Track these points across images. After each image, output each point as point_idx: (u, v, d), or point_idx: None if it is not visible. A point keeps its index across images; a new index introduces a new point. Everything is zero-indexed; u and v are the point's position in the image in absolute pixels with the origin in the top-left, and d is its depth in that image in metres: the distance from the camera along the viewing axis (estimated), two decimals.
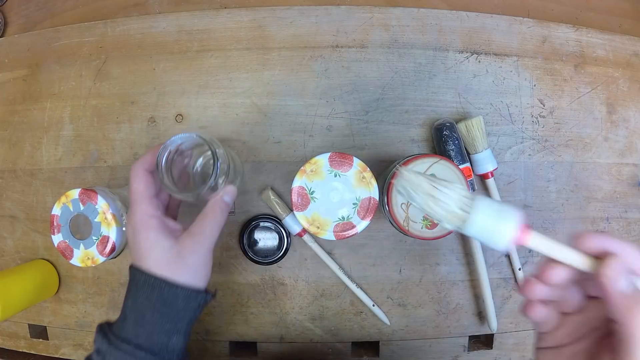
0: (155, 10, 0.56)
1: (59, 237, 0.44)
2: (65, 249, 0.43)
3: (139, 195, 0.37)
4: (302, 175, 0.42)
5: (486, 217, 0.26)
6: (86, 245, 0.43)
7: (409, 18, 0.53)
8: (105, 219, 0.43)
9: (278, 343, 0.52)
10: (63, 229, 0.44)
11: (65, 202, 0.44)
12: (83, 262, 0.43)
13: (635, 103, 0.54)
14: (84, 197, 0.44)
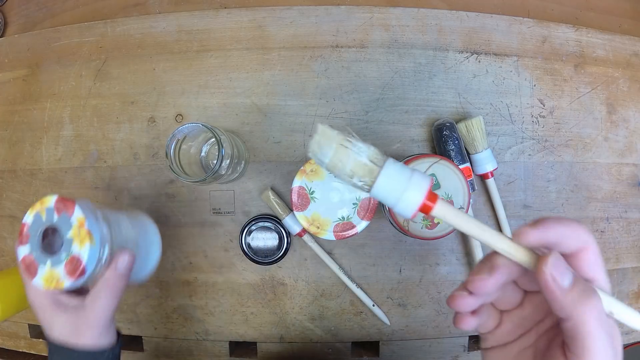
0: (155, 10, 0.56)
1: (25, 250, 0.36)
2: (30, 265, 0.36)
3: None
4: (302, 175, 0.42)
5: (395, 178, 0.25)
6: (53, 262, 0.36)
7: (409, 18, 0.53)
8: (78, 234, 0.36)
9: (278, 343, 0.52)
10: (32, 240, 0.37)
11: (39, 210, 0.38)
12: (47, 283, 0.35)
13: (635, 103, 0.54)
14: (60, 205, 0.38)
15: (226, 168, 0.42)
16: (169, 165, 0.40)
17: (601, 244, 0.53)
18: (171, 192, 0.52)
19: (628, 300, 0.54)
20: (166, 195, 0.52)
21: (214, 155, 0.49)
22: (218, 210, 0.52)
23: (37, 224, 0.38)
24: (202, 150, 0.49)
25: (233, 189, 0.52)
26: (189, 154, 0.45)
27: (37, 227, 0.38)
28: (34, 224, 0.38)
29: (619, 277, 0.54)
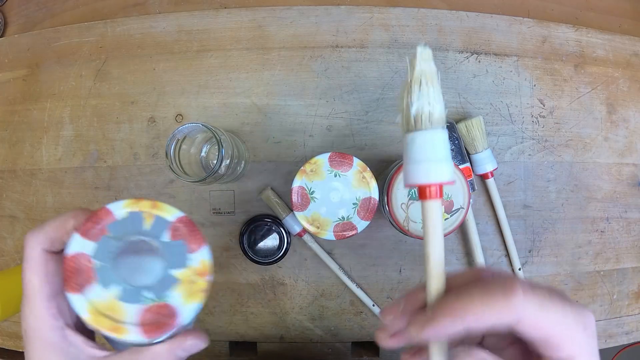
0: (155, 10, 0.56)
1: (88, 247, 0.24)
2: (81, 271, 0.23)
3: (32, 291, 0.24)
4: (302, 175, 0.42)
5: (441, 146, 0.23)
6: (126, 294, 0.23)
7: (409, 18, 0.53)
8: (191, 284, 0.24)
9: (278, 343, 0.52)
10: (107, 242, 0.24)
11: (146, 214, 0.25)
12: (94, 315, 0.23)
13: (635, 103, 0.54)
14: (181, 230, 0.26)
15: (226, 168, 0.42)
16: (169, 165, 0.40)
17: (601, 244, 0.53)
18: (171, 192, 0.52)
19: (628, 300, 0.54)
20: (166, 195, 0.52)
21: (214, 155, 0.49)
22: (218, 210, 0.52)
23: (129, 228, 0.25)
24: (202, 150, 0.49)
25: (233, 189, 0.52)
26: (189, 154, 0.45)
27: (127, 231, 0.25)
28: (122, 224, 0.25)
29: (619, 277, 0.54)
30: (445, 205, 0.41)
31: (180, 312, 0.24)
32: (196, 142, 0.47)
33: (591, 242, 0.53)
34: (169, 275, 0.24)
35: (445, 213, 0.41)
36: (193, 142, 0.46)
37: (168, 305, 0.23)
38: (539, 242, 0.53)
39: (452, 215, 0.41)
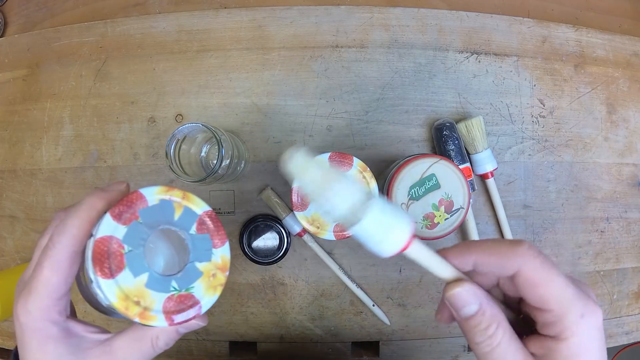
0: (155, 10, 0.56)
1: (119, 232, 0.23)
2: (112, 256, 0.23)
3: (46, 289, 0.23)
4: None
5: (381, 218, 0.23)
6: (153, 282, 0.23)
7: (409, 18, 0.53)
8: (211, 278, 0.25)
9: (278, 343, 0.52)
10: (138, 227, 0.24)
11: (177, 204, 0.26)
12: (123, 302, 0.23)
13: (635, 103, 0.54)
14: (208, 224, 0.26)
15: (226, 168, 0.42)
16: (169, 165, 0.40)
17: (601, 244, 0.53)
18: None
19: (628, 300, 0.54)
20: None
21: (214, 155, 0.49)
22: (218, 210, 0.52)
23: (159, 216, 0.24)
24: (202, 150, 0.49)
25: (233, 189, 0.52)
26: (189, 154, 0.45)
27: (157, 219, 0.24)
28: (153, 211, 0.24)
29: (619, 277, 0.54)
30: (445, 205, 0.41)
31: (202, 303, 0.24)
32: (196, 142, 0.47)
33: (591, 242, 0.53)
34: (194, 268, 0.24)
35: (446, 213, 0.41)
36: (193, 142, 0.46)
37: (192, 295, 0.24)
38: (539, 242, 0.53)
39: (452, 215, 0.41)
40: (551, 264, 0.23)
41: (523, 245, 0.23)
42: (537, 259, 0.23)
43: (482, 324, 0.23)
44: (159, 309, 0.23)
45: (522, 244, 0.23)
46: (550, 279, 0.23)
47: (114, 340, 0.25)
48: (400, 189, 0.41)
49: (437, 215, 0.41)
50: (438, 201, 0.41)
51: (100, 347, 0.25)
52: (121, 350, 0.25)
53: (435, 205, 0.41)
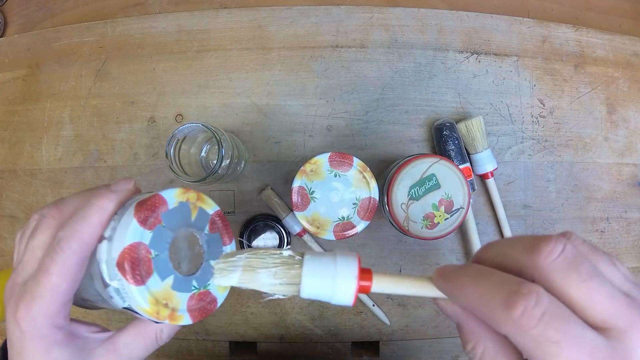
0: (155, 10, 0.56)
1: (145, 237, 0.23)
2: (141, 262, 0.23)
3: (54, 295, 0.22)
4: (302, 175, 0.42)
5: (319, 275, 0.22)
6: (178, 283, 0.24)
7: (409, 18, 0.53)
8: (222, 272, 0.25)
9: (278, 343, 0.52)
10: (161, 232, 0.24)
11: (192, 206, 0.26)
12: (154, 306, 0.23)
13: (635, 103, 0.54)
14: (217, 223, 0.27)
15: (226, 168, 0.42)
16: (169, 165, 0.40)
17: (601, 244, 0.53)
18: None
19: None
20: None
21: (214, 155, 0.49)
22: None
23: (179, 218, 0.25)
24: (202, 150, 0.49)
25: (233, 189, 0.52)
26: (189, 154, 0.45)
27: (178, 222, 0.25)
28: (173, 214, 0.24)
29: None
30: (445, 205, 0.41)
31: (217, 298, 0.25)
32: (196, 142, 0.47)
33: (591, 242, 0.53)
34: (209, 266, 0.25)
35: (446, 213, 0.41)
36: (193, 142, 0.46)
37: (209, 292, 0.25)
38: None
39: (452, 215, 0.41)
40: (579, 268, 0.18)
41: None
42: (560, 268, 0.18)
43: (462, 339, 0.22)
44: (184, 309, 0.24)
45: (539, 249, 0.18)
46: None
47: (117, 338, 0.25)
48: (400, 189, 0.41)
49: (437, 215, 0.41)
50: (438, 201, 0.41)
51: (104, 346, 0.25)
52: (126, 347, 0.25)
53: (435, 205, 0.41)
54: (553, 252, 0.18)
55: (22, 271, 0.24)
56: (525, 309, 0.17)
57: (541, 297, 0.18)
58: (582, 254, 0.19)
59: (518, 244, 0.20)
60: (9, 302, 0.23)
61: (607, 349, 0.17)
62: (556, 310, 0.18)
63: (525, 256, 0.19)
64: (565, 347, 0.17)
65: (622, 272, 0.20)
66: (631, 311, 0.18)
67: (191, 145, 0.46)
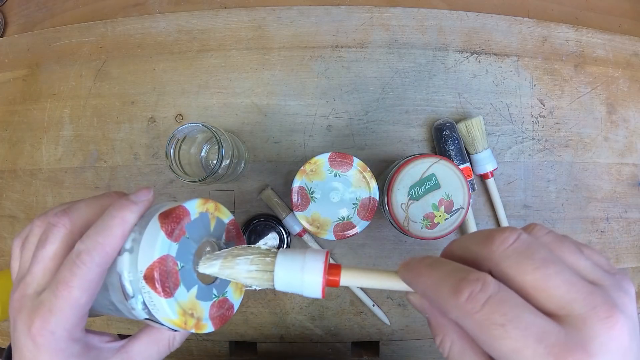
0: (155, 10, 0.56)
1: (172, 249, 0.23)
2: (169, 274, 0.23)
3: (74, 309, 0.22)
4: (302, 175, 0.42)
5: (290, 269, 0.24)
6: (201, 292, 0.25)
7: (409, 18, 0.53)
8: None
9: (278, 343, 0.52)
10: (186, 243, 0.24)
11: (211, 215, 0.26)
12: (182, 317, 0.23)
13: (635, 103, 0.54)
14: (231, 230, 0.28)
15: (226, 168, 0.42)
16: (169, 165, 0.40)
17: (601, 244, 0.53)
18: (171, 192, 0.52)
19: None
20: (166, 195, 0.52)
21: (214, 155, 0.49)
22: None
23: (200, 229, 0.25)
24: (202, 150, 0.49)
25: (233, 189, 0.52)
26: (189, 154, 0.45)
27: (200, 232, 0.25)
28: (195, 225, 0.25)
29: None
30: (445, 205, 0.41)
31: (234, 304, 0.26)
32: (196, 142, 0.47)
33: (591, 242, 0.53)
34: None
35: (446, 213, 0.41)
36: (193, 142, 0.46)
37: (227, 299, 0.26)
38: None
39: (452, 215, 0.41)
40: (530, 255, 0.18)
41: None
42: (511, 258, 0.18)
43: (432, 333, 0.22)
44: (207, 317, 0.24)
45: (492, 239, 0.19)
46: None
47: (131, 346, 0.26)
48: (400, 189, 0.41)
49: (437, 215, 0.41)
50: (438, 201, 0.41)
51: (118, 355, 0.25)
52: (140, 355, 0.26)
53: (435, 205, 0.41)
54: (505, 242, 0.19)
55: (33, 282, 0.23)
56: (471, 294, 0.18)
57: (487, 283, 0.18)
58: (537, 243, 0.19)
59: (477, 236, 0.20)
60: (20, 315, 0.23)
61: (559, 336, 0.17)
62: (503, 296, 0.18)
63: (481, 247, 0.20)
64: (510, 331, 0.17)
65: (592, 260, 0.20)
66: (592, 299, 0.17)
67: (191, 145, 0.46)
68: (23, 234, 0.26)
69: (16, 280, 0.25)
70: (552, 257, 0.19)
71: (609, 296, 0.18)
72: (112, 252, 0.23)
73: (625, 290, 0.19)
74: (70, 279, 0.22)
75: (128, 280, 0.23)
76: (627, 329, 0.17)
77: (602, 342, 0.17)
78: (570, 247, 0.20)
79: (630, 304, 0.19)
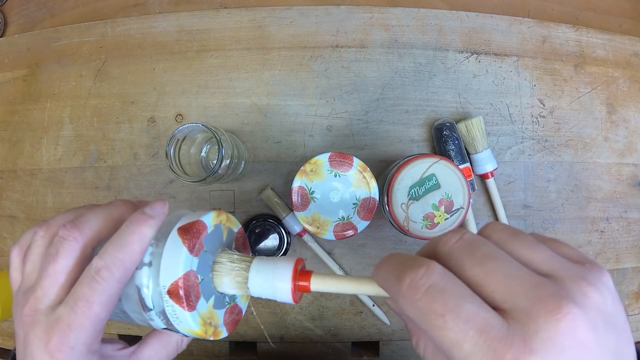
0: (155, 10, 0.56)
1: (193, 264, 0.23)
2: (192, 288, 0.23)
3: (94, 325, 0.23)
4: (302, 175, 0.42)
5: (262, 276, 0.24)
6: (217, 301, 0.25)
7: (409, 18, 0.53)
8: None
9: (278, 343, 0.52)
10: (205, 256, 0.25)
11: (223, 226, 0.27)
12: (203, 327, 0.24)
13: (635, 103, 0.54)
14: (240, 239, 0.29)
15: (226, 168, 0.42)
16: (169, 165, 0.40)
17: (601, 244, 0.53)
18: (171, 192, 0.52)
19: (628, 300, 0.54)
20: (166, 195, 0.52)
21: (214, 155, 0.49)
22: (218, 210, 0.52)
23: (215, 240, 0.26)
24: (202, 150, 0.49)
25: (233, 189, 0.52)
26: (189, 154, 0.45)
27: (215, 244, 0.26)
28: (211, 237, 0.25)
29: (619, 277, 0.54)
30: (445, 205, 0.41)
31: (242, 309, 0.27)
32: (196, 142, 0.47)
33: (591, 242, 0.53)
34: None
35: (446, 213, 0.41)
36: (193, 142, 0.46)
37: (237, 304, 0.27)
38: None
39: (452, 215, 0.41)
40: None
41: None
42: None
43: (409, 335, 0.22)
44: (222, 324, 0.25)
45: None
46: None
47: (141, 351, 0.26)
48: (400, 189, 0.41)
49: (437, 215, 0.41)
50: (438, 201, 0.41)
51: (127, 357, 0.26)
52: (150, 359, 0.26)
53: (435, 205, 0.41)
54: (449, 241, 0.19)
55: (45, 297, 0.23)
56: (412, 280, 0.18)
57: (432, 270, 0.18)
58: (481, 241, 0.19)
59: (434, 239, 0.21)
60: (33, 330, 0.23)
61: (502, 330, 0.16)
62: (447, 285, 0.17)
63: (433, 247, 0.20)
64: (450, 322, 0.16)
65: (559, 252, 0.19)
66: (538, 291, 0.17)
67: (191, 145, 0.46)
68: (23, 242, 0.26)
69: (19, 292, 0.25)
70: (496, 252, 0.19)
71: (562, 288, 0.17)
72: (132, 267, 0.23)
73: (590, 281, 0.18)
74: (90, 294, 0.22)
75: (148, 293, 0.23)
76: (583, 322, 0.16)
77: (547, 337, 0.16)
78: (524, 241, 0.20)
79: (595, 296, 0.17)
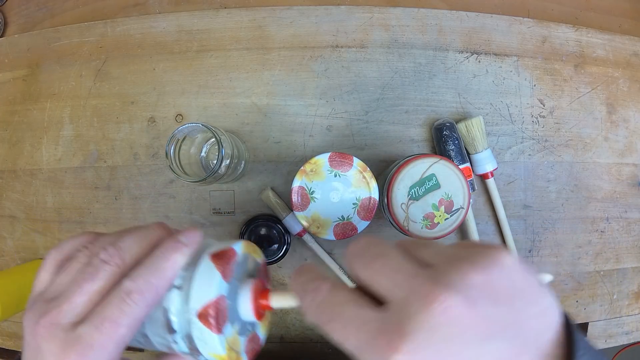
0: (155, 10, 0.56)
1: (223, 289, 0.24)
2: (222, 312, 0.24)
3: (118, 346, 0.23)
4: (302, 175, 0.42)
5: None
6: (241, 327, 0.26)
7: (409, 18, 0.53)
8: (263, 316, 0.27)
9: (278, 343, 0.52)
10: (234, 282, 0.25)
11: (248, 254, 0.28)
12: (229, 352, 0.24)
13: (635, 103, 0.54)
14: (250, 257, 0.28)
15: (226, 168, 0.42)
16: (169, 165, 0.40)
17: (601, 244, 0.53)
18: (171, 192, 0.52)
19: (628, 300, 0.54)
20: (166, 195, 0.52)
21: (214, 155, 0.49)
22: (218, 210, 0.52)
23: (242, 269, 0.26)
24: (202, 150, 0.49)
25: (233, 189, 0.52)
26: (189, 154, 0.45)
27: (242, 272, 0.26)
28: (239, 265, 0.26)
29: (619, 277, 0.54)
30: (445, 205, 0.41)
31: (262, 340, 0.28)
32: (196, 142, 0.47)
33: (591, 242, 0.53)
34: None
35: (446, 213, 0.41)
36: (193, 142, 0.46)
37: (256, 334, 0.27)
38: (539, 242, 0.53)
39: (452, 215, 0.41)
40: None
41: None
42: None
43: None
44: (244, 351, 0.26)
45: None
46: None
47: None
48: (400, 189, 0.41)
49: (437, 215, 0.41)
50: (438, 201, 0.41)
51: None
52: None
53: (435, 205, 0.41)
54: (348, 249, 0.22)
55: (70, 313, 0.23)
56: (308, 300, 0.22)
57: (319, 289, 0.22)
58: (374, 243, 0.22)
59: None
60: (48, 344, 0.22)
61: (377, 322, 0.18)
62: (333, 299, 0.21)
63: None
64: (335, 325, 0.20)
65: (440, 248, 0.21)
66: (414, 280, 0.18)
67: (191, 145, 0.46)
68: (65, 249, 0.27)
69: (40, 297, 0.24)
70: (385, 250, 0.21)
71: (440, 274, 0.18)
72: (163, 292, 0.24)
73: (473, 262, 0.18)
74: (118, 316, 0.22)
75: (176, 316, 0.24)
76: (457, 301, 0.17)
77: (421, 320, 0.17)
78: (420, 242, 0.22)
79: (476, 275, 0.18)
